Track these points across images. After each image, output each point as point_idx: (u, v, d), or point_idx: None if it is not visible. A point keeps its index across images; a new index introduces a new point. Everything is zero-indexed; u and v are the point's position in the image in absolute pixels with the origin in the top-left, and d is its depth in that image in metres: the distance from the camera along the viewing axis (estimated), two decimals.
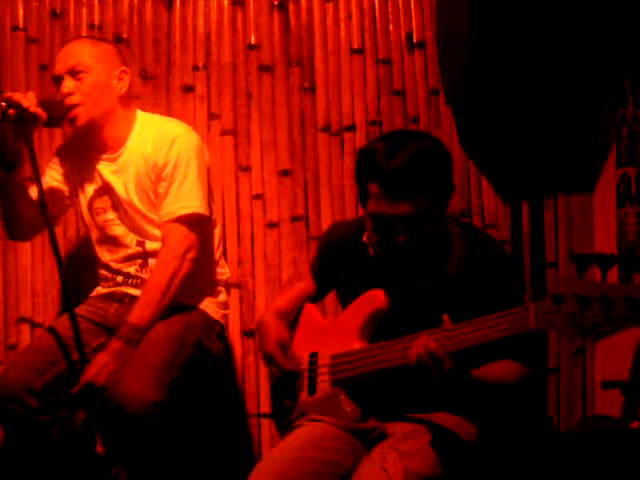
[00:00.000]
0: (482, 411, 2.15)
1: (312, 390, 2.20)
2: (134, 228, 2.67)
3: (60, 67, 2.59)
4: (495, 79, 2.86)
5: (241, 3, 3.29)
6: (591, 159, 3.23)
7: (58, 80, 2.58)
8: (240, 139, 3.27)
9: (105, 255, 2.73)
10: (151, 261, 2.66)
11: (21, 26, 3.27)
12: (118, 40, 3.26)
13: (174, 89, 3.27)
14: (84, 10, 3.27)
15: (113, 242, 2.70)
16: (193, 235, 2.58)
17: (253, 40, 3.30)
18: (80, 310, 2.70)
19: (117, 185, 2.65)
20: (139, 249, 2.67)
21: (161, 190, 2.60)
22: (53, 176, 2.75)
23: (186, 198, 2.58)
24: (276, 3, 3.29)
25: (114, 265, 2.71)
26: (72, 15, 3.27)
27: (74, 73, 2.55)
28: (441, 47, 3.19)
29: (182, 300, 2.63)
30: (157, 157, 2.59)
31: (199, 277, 2.67)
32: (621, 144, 3.01)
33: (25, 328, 3.22)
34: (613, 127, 3.06)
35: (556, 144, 3.23)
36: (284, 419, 2.28)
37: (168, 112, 3.17)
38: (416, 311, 2.09)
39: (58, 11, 3.27)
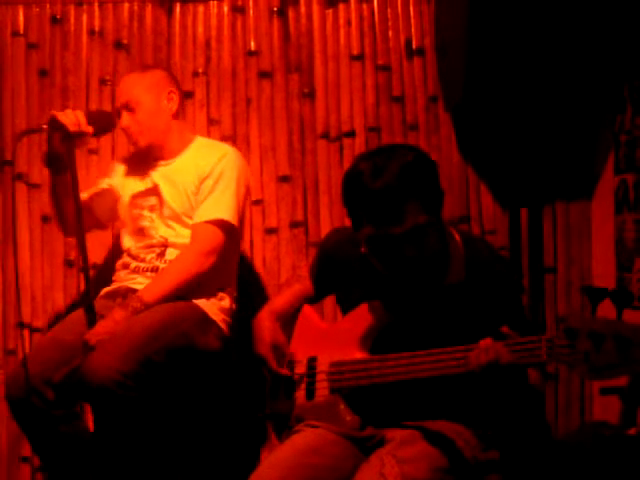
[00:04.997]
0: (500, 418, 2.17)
1: (310, 395, 2.20)
2: (164, 224, 2.85)
3: (117, 102, 2.89)
4: (494, 85, 2.86)
5: (241, 9, 3.30)
6: (590, 166, 3.23)
7: (118, 113, 2.86)
8: (239, 145, 3.27)
9: (130, 242, 2.91)
10: (169, 251, 2.82)
11: (21, 32, 3.29)
12: (118, 46, 3.28)
13: None
14: (84, 16, 3.29)
15: (140, 232, 2.89)
16: (220, 239, 2.76)
17: (253, 46, 3.31)
18: None
19: (163, 188, 2.85)
20: (162, 240, 2.84)
21: (200, 197, 2.80)
22: (107, 181, 2.99)
23: (221, 207, 2.77)
24: (276, 9, 3.30)
25: (133, 251, 2.88)
26: (72, 21, 3.29)
27: (128, 108, 2.83)
28: (440, 53, 3.20)
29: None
30: (205, 168, 2.80)
31: (209, 279, 2.77)
32: (619, 151, 3.01)
33: (24, 333, 3.23)
34: (611, 134, 3.06)
35: (555, 151, 3.24)
36: (280, 421, 2.28)
37: None
38: (416, 322, 2.09)
39: (58, 17, 3.29)
